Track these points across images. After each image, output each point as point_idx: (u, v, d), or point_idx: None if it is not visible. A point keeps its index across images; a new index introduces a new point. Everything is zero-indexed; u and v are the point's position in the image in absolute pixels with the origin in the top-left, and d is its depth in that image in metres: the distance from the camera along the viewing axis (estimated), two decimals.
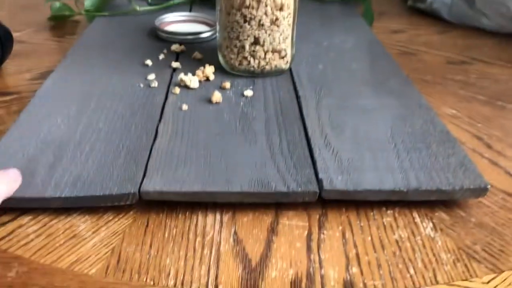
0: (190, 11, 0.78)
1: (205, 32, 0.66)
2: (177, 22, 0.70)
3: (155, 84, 0.53)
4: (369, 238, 0.36)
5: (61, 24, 0.78)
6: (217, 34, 0.57)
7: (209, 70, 0.55)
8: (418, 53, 0.71)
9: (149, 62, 0.58)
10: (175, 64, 0.58)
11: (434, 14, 0.86)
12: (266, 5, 0.52)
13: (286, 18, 0.54)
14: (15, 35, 0.62)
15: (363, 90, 0.54)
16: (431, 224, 0.38)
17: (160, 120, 0.47)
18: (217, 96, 0.50)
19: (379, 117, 0.48)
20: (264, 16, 0.52)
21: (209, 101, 0.50)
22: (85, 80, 0.54)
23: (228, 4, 0.53)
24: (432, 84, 0.61)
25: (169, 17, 0.70)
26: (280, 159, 0.42)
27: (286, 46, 0.56)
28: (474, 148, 0.48)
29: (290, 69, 0.59)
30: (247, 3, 0.51)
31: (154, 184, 0.38)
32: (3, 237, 0.35)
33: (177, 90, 0.52)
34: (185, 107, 0.49)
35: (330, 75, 0.57)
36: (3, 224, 0.36)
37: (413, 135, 0.45)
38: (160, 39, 0.66)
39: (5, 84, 0.58)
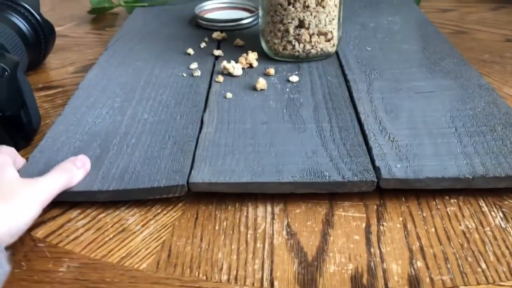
0: None
1: (246, 18, 0.64)
2: (217, 9, 0.69)
3: (198, 73, 0.52)
4: (433, 229, 0.34)
5: (101, 17, 0.78)
6: (259, 19, 0.55)
7: (252, 56, 0.53)
8: (471, 32, 0.66)
9: (190, 50, 0.57)
10: (217, 52, 0.56)
11: None
12: None
13: None
14: (57, 29, 0.62)
15: (416, 71, 0.51)
16: (500, 214, 0.35)
17: (205, 110, 0.45)
18: (261, 83, 0.48)
19: (436, 100, 0.45)
20: None
21: (254, 88, 0.49)
22: (127, 71, 0.53)
23: None
24: (490, 64, 0.57)
25: (209, 4, 0.69)
26: (333, 146, 0.39)
27: (333, 28, 0.53)
28: None
29: (337, 53, 0.56)
30: None
31: (202, 176, 0.36)
32: (53, 232, 0.35)
33: (220, 78, 0.50)
34: (229, 95, 0.47)
35: (380, 57, 0.54)
36: (53, 218, 0.36)
37: (475, 118, 0.42)
38: (200, 27, 0.65)
39: (49, 78, 0.58)
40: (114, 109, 0.46)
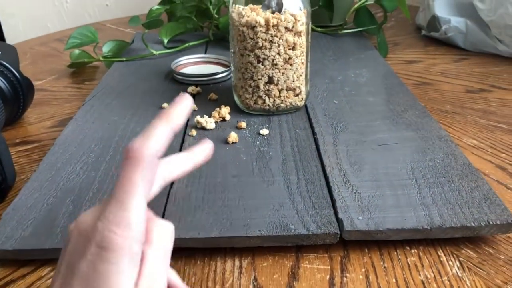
0: (205, 52, 0.79)
1: (220, 73, 0.66)
2: (192, 64, 0.72)
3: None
4: (394, 280, 0.35)
5: (80, 71, 0.80)
6: (232, 76, 0.58)
7: (225, 110, 0.56)
8: (435, 83, 0.70)
9: (165, 105, 0.59)
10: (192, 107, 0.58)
11: (449, 42, 0.85)
12: (278, 45, 0.52)
13: (299, 57, 0.54)
14: (37, 83, 0.64)
15: (380, 123, 0.53)
16: (458, 263, 0.36)
17: None
18: (233, 137, 0.50)
19: (399, 152, 0.48)
20: (277, 56, 0.53)
21: (226, 141, 0.50)
22: (103, 126, 0.55)
23: (241, 46, 0.53)
24: (451, 115, 0.60)
25: (185, 59, 0.72)
26: (299, 199, 0.41)
27: (300, 84, 0.56)
28: (499, 180, 0.46)
29: (305, 106, 0.58)
30: (260, 44, 0.52)
31: None
32: None
33: (193, 132, 0.52)
34: None
35: (347, 110, 0.57)
36: (23, 276, 0.36)
37: (434, 169, 0.44)
38: (176, 81, 0.67)
39: (26, 132, 0.60)
40: (88, 164, 0.47)
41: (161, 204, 0.41)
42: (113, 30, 1.06)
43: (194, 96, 0.63)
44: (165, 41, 0.81)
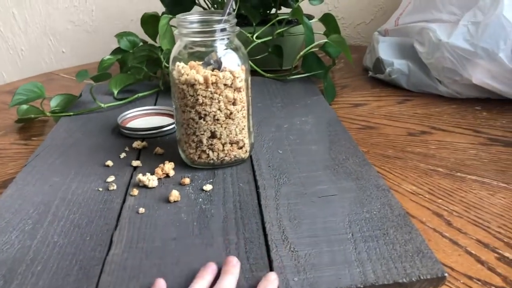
0: (155, 102, 0.80)
1: (166, 126, 0.67)
2: (140, 116, 0.72)
3: (114, 186, 0.53)
4: None
5: (29, 125, 0.79)
6: (176, 131, 0.58)
7: (169, 166, 0.56)
8: (378, 127, 0.72)
9: (110, 162, 0.59)
10: (135, 163, 0.58)
11: (394, 83, 0.88)
12: (219, 102, 0.53)
13: (240, 111, 0.55)
14: None
15: (321, 174, 0.54)
16: None
17: (116, 228, 0.46)
18: (174, 195, 0.50)
19: (337, 204, 0.48)
20: (218, 112, 0.54)
21: (168, 200, 0.50)
22: (43, 189, 0.54)
23: (182, 103, 0.54)
24: (393, 159, 0.62)
25: (133, 112, 0.72)
26: None
27: (243, 137, 0.56)
28: (435, 227, 0.47)
29: (251, 157, 0.59)
30: (200, 101, 0.53)
31: None
32: None
33: (135, 191, 0.52)
34: (142, 210, 0.49)
35: (290, 160, 0.58)
36: None
37: (370, 221, 0.45)
38: (123, 136, 0.67)
39: None
40: (24, 232, 0.46)
41: (96, 274, 0.40)
42: (66, 80, 1.06)
43: (139, 151, 0.63)
44: (115, 92, 0.81)
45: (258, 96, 0.80)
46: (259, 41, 0.89)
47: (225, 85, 0.53)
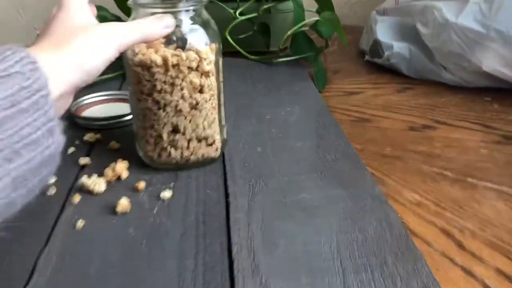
0: (120, 87, 0.70)
1: (127, 115, 0.57)
2: (98, 103, 0.62)
3: (52, 191, 0.44)
4: None
5: None
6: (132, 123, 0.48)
7: (122, 166, 0.46)
8: (375, 119, 0.62)
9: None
10: (83, 160, 0.49)
11: (393, 69, 0.79)
12: (181, 89, 0.43)
13: (209, 101, 0.45)
14: None
15: (306, 178, 0.45)
16: None
17: (45, 246, 0.37)
18: (123, 205, 0.41)
19: (323, 219, 0.39)
20: (181, 101, 0.44)
21: (114, 211, 0.41)
22: None
23: (137, 89, 0.44)
24: (391, 159, 0.52)
25: (90, 98, 0.62)
26: None
27: (213, 132, 0.47)
28: (443, 251, 0.38)
29: (223, 156, 0.50)
30: (159, 87, 0.43)
31: None
32: None
33: (76, 198, 0.42)
34: (80, 223, 0.39)
35: (270, 160, 0.49)
36: None
37: (364, 244, 0.36)
38: (77, 126, 0.57)
39: None
40: None
41: None
42: None
43: (92, 145, 0.53)
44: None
45: (239, 81, 0.71)
46: (243, 17, 0.79)
47: (189, 68, 0.43)
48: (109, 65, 0.37)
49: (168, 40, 0.44)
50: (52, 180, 0.45)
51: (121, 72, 0.74)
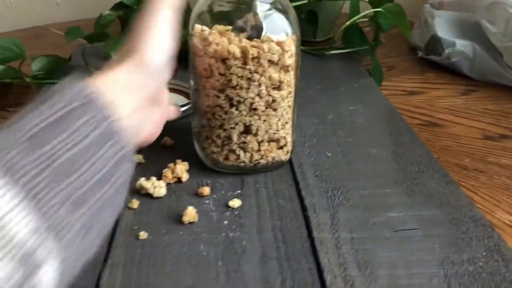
0: None
1: (181, 106, 0.51)
2: None
3: None
4: None
5: (3, 91, 0.63)
6: (192, 120, 0.43)
7: (182, 168, 0.41)
8: (444, 124, 0.57)
9: None
10: (136, 158, 0.43)
11: (452, 68, 0.73)
12: (259, 85, 0.38)
13: (286, 99, 0.40)
14: None
15: (391, 193, 0.40)
16: None
17: (105, 262, 0.32)
18: (190, 215, 0.36)
19: (423, 244, 0.34)
20: (257, 98, 0.38)
21: (180, 220, 0.36)
22: None
23: (206, 84, 0.39)
24: (473, 173, 0.47)
25: None
26: None
27: (286, 133, 0.42)
28: None
29: (290, 160, 0.44)
30: (234, 82, 0.38)
31: None
32: None
33: (135, 203, 0.37)
34: (143, 235, 0.34)
35: (344, 168, 0.43)
36: None
37: (477, 279, 0.31)
38: None
39: None
40: None
41: None
42: (57, 37, 0.89)
43: None
44: (113, 56, 0.65)
45: None
46: (292, 4, 0.73)
47: (269, 61, 0.37)
48: None
49: (239, 28, 0.39)
50: None
51: None
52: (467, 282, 0.31)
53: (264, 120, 0.39)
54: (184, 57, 0.66)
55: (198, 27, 0.39)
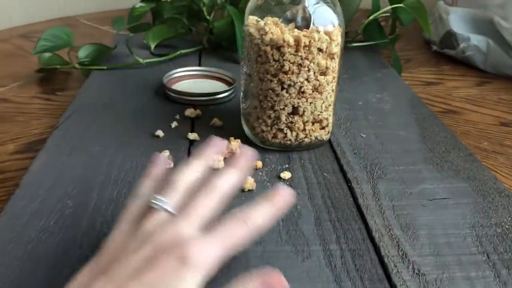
0: (199, 62, 0.69)
1: (222, 92, 0.56)
2: (186, 78, 0.61)
3: (170, 165, 0.43)
4: None
5: (50, 77, 0.68)
6: (242, 101, 0.48)
7: (235, 144, 0.46)
8: (463, 112, 0.62)
9: (160, 132, 0.48)
10: (192, 136, 0.48)
11: (466, 62, 0.78)
12: (308, 70, 0.43)
13: (330, 83, 0.44)
14: None
15: (423, 169, 0.45)
16: None
17: None
18: (249, 183, 0.40)
19: (455, 211, 0.39)
20: (305, 82, 0.43)
21: (241, 188, 0.40)
22: (82, 160, 0.44)
23: (261, 69, 0.43)
24: (492, 154, 0.52)
25: (178, 72, 0.61)
26: (348, 284, 0.32)
27: (329, 115, 0.46)
28: None
29: (329, 140, 0.49)
30: (287, 67, 0.42)
31: None
32: None
33: None
34: None
35: (378, 148, 0.48)
36: None
37: (506, 239, 0.36)
38: (170, 99, 0.56)
39: None
40: (65, 218, 0.36)
41: None
42: (88, 27, 0.93)
43: (193, 120, 0.52)
44: (152, 46, 0.69)
45: None
46: None
47: (318, 49, 0.42)
48: (184, 40, 0.32)
49: (287, 19, 0.43)
50: (167, 153, 0.45)
51: (199, 47, 0.73)
52: (496, 241, 0.36)
53: (311, 102, 0.44)
54: (219, 47, 0.71)
55: (253, 18, 0.44)
